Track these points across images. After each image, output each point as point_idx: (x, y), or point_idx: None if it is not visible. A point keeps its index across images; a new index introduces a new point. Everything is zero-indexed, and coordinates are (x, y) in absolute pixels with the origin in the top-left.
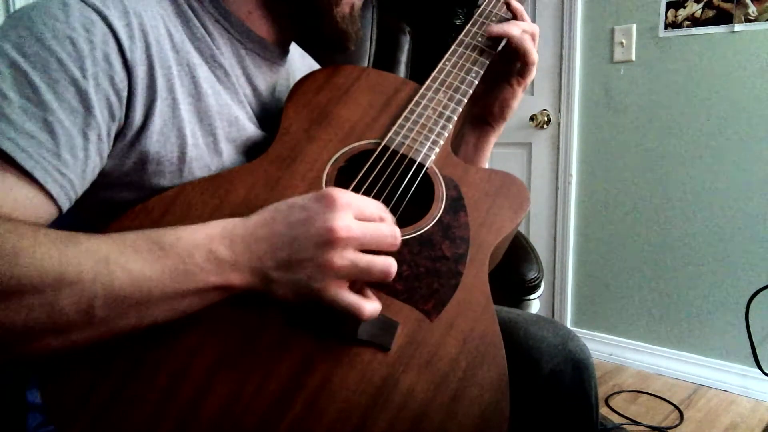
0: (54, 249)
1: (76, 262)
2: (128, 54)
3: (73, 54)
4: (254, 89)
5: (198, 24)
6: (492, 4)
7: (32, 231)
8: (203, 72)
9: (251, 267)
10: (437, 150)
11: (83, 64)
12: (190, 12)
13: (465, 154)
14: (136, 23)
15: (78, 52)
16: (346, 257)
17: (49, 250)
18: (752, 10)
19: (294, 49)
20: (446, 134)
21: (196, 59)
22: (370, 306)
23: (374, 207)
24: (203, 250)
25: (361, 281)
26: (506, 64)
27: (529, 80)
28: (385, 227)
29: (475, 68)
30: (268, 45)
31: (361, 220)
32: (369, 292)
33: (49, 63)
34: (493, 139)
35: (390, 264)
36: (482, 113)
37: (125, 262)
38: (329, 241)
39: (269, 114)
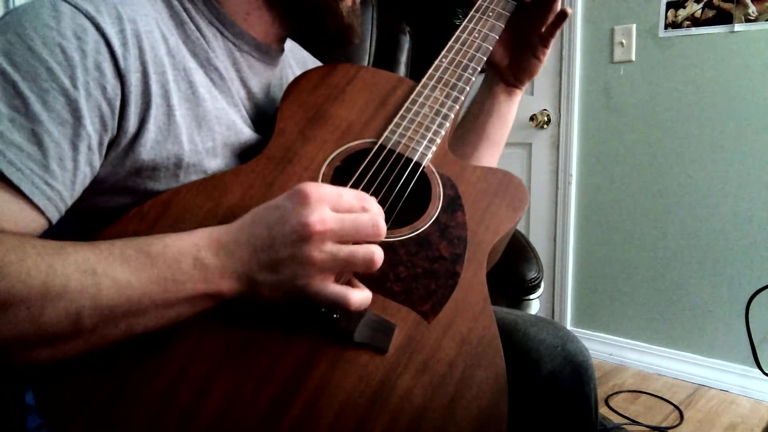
0: (41, 261)
1: (63, 273)
2: (121, 62)
3: (64, 63)
4: (248, 91)
5: (193, 26)
6: (489, 0)
7: (19, 243)
8: (199, 76)
9: (236, 272)
10: (434, 148)
11: (74, 73)
12: (184, 14)
13: (499, 112)
14: (129, 29)
15: (68, 60)
16: (325, 250)
17: (36, 262)
18: (752, 10)
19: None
20: (443, 132)
21: (191, 63)
22: (358, 295)
23: (352, 197)
24: (190, 258)
25: (347, 273)
26: (530, 23)
27: (554, 36)
28: (365, 216)
29: (472, 65)
30: (263, 46)
31: (340, 211)
32: (357, 282)
33: (38, 72)
34: (520, 95)
35: (373, 252)
36: (510, 80)
37: (113, 273)
38: (305, 236)
39: (264, 116)
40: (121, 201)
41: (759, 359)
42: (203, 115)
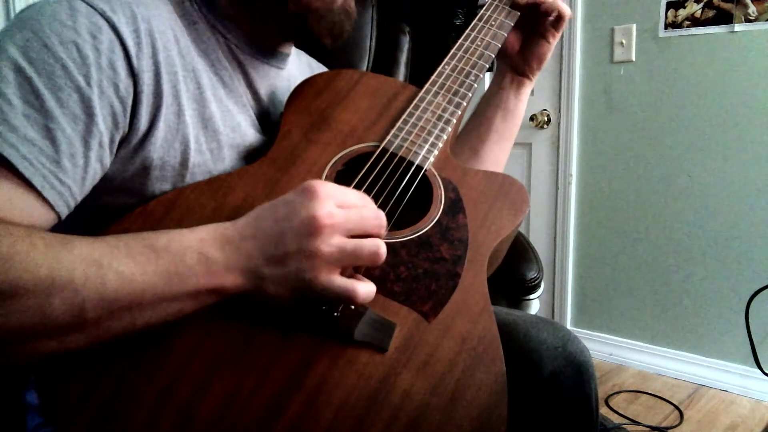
0: (48, 252)
1: (69, 265)
2: (134, 61)
3: (79, 61)
4: (254, 93)
5: (203, 27)
6: (492, 8)
7: (27, 234)
8: (208, 77)
9: (242, 267)
10: (436, 152)
11: (88, 71)
12: (195, 15)
13: (507, 107)
14: (143, 29)
15: (83, 59)
16: (333, 244)
17: (43, 253)
18: (752, 10)
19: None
20: (445, 137)
21: (200, 64)
22: (364, 288)
23: (356, 196)
24: (194, 253)
25: (352, 267)
26: (540, 21)
27: (561, 33)
28: (368, 211)
29: (474, 71)
30: (266, 48)
31: (344, 207)
32: (360, 276)
33: (53, 69)
34: (529, 90)
35: (379, 245)
36: (521, 68)
37: (117, 266)
38: (313, 230)
39: (270, 119)
40: (127, 201)
41: (759, 359)
42: (209, 116)
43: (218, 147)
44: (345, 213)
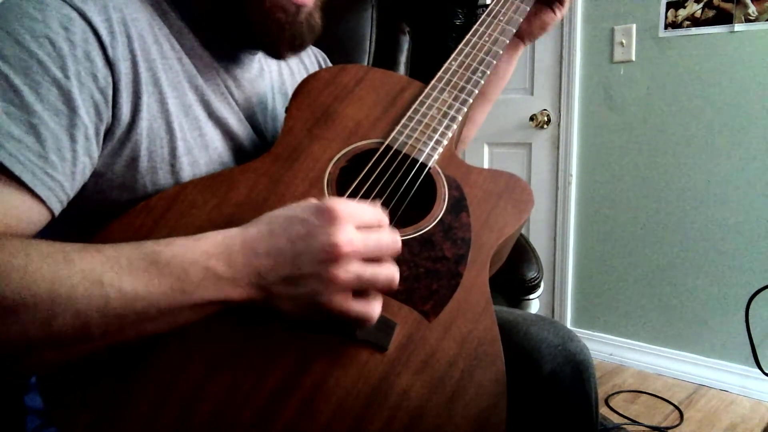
0: (46, 268)
1: (69, 284)
2: (109, 51)
3: (53, 54)
4: (234, 80)
5: (175, 16)
6: (501, 4)
7: (23, 247)
8: (185, 64)
9: (251, 282)
10: (440, 150)
11: (64, 63)
12: (165, 4)
13: (497, 72)
14: (116, 18)
15: (58, 51)
16: (351, 271)
17: (41, 269)
18: (752, 10)
19: None
20: (450, 134)
21: (177, 52)
22: (378, 308)
23: (372, 213)
24: (200, 267)
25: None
26: None
27: (567, 6)
28: (386, 235)
29: (481, 68)
30: (237, 39)
31: (362, 228)
32: (372, 292)
33: (29, 65)
34: (521, 52)
35: (394, 273)
36: (522, 33)
37: (120, 284)
38: (333, 257)
39: (251, 104)
40: (119, 196)
41: (759, 359)
42: (189, 104)
43: (200, 134)
44: (364, 239)
